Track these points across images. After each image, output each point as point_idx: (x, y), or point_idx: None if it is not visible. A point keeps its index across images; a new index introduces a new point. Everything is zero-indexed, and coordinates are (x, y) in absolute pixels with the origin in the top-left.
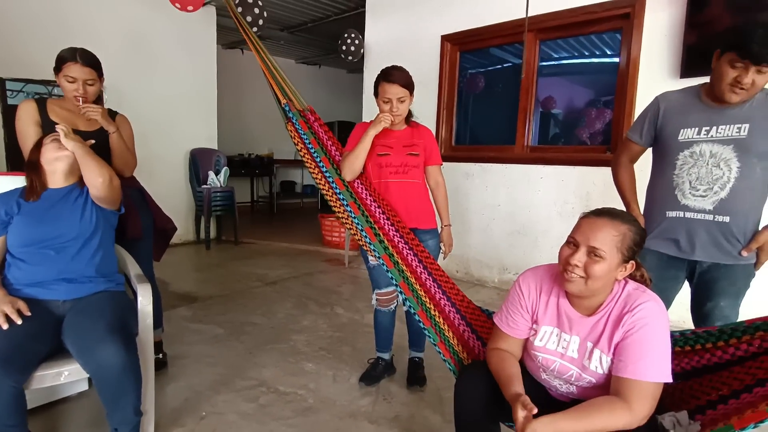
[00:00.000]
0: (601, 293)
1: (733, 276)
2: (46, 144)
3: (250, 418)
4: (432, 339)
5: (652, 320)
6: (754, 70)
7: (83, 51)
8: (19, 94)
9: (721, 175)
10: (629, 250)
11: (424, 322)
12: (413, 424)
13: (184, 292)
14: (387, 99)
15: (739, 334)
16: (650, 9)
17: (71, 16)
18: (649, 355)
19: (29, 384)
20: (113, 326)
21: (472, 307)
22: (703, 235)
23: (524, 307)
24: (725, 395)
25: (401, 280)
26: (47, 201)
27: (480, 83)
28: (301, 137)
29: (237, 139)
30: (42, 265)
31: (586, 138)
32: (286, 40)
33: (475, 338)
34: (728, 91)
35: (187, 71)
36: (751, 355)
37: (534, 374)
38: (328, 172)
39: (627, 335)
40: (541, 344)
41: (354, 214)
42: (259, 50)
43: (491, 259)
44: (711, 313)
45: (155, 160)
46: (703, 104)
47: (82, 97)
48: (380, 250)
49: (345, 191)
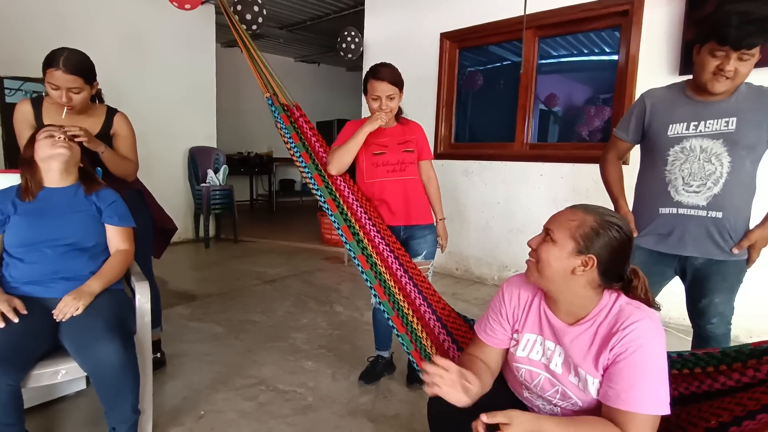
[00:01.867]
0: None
1: (725, 272)
2: (39, 140)
3: (249, 416)
4: (406, 347)
5: (647, 342)
6: (736, 57)
7: (69, 55)
8: (17, 93)
9: (713, 170)
10: (585, 239)
11: (398, 329)
12: (413, 422)
13: (182, 291)
14: (376, 96)
15: (744, 358)
16: (649, 6)
17: (69, 14)
18: (644, 382)
19: (26, 382)
20: (111, 324)
21: (453, 315)
22: (696, 230)
23: (504, 316)
24: (725, 422)
25: (376, 282)
26: (45, 201)
27: (479, 81)
28: (282, 131)
29: (236, 137)
30: (39, 264)
31: (585, 135)
32: (285, 38)
33: (455, 348)
34: (712, 81)
35: (186, 70)
36: (758, 381)
37: (515, 391)
38: (306, 167)
39: (619, 358)
40: (523, 354)
41: (331, 212)
42: (247, 44)
43: (491, 257)
44: (707, 309)
45: (154, 159)
46: (687, 98)
47: (66, 105)
48: (356, 250)
49: (323, 188)
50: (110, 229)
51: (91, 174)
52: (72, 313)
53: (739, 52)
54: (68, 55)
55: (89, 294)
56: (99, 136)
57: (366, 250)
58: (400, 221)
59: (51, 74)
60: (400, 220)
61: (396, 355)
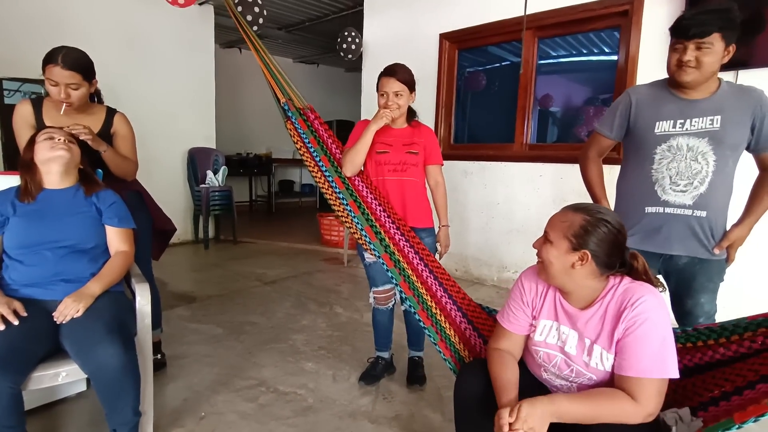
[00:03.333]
0: (573, 284)
1: (710, 272)
2: (39, 142)
3: (249, 418)
4: (432, 338)
5: (653, 314)
6: (693, 47)
7: (68, 52)
8: (15, 94)
9: (699, 169)
10: (576, 237)
11: (424, 321)
12: (413, 423)
13: (182, 292)
14: (383, 92)
15: (741, 331)
16: (649, 6)
17: (68, 15)
18: (652, 351)
19: (27, 385)
20: (112, 327)
21: (473, 305)
22: (682, 229)
23: (525, 302)
24: (728, 392)
25: (401, 279)
26: (45, 202)
27: (479, 81)
28: (301, 136)
29: (235, 138)
30: (39, 266)
31: (584, 136)
32: (284, 38)
33: (477, 336)
34: (678, 72)
35: (185, 70)
36: (754, 351)
37: (535, 373)
38: (327, 171)
39: (627, 332)
40: (541, 338)
41: (354, 214)
42: (258, 49)
43: (490, 258)
44: (693, 310)
45: (153, 160)
46: (672, 95)
47: (65, 102)
48: (380, 250)
49: (345, 190)
50: (110, 230)
51: (91, 175)
52: (72, 315)
53: (695, 42)
54: (67, 51)
55: (89, 296)
56: (99, 136)
57: (389, 248)
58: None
59: (50, 70)
60: None
61: (396, 356)
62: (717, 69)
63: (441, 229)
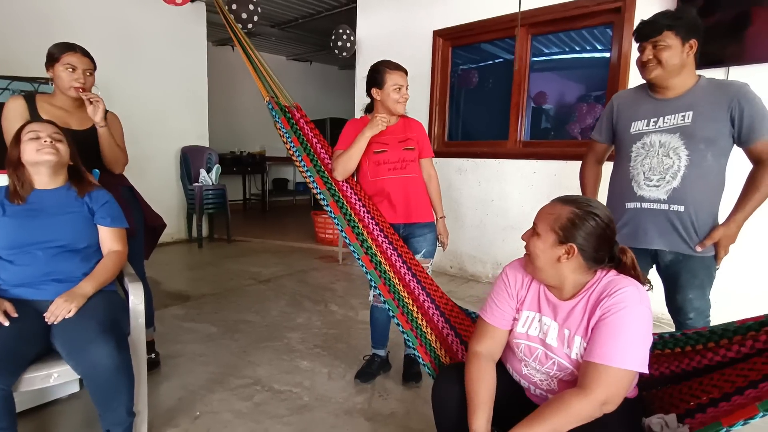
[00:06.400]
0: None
1: (694, 269)
2: (24, 141)
3: (245, 416)
4: (411, 342)
5: (630, 305)
6: (650, 47)
7: (78, 45)
8: (4, 92)
9: (671, 164)
10: (563, 230)
11: (403, 326)
12: (409, 420)
13: (176, 291)
14: (399, 85)
15: (730, 335)
16: (641, 3)
17: (58, 13)
18: (620, 339)
19: (18, 386)
20: (105, 326)
21: (456, 310)
22: (661, 224)
23: (510, 295)
24: (715, 398)
25: (381, 281)
26: (35, 202)
27: (472, 79)
28: (283, 134)
29: (228, 136)
30: (30, 266)
31: (577, 133)
32: (277, 36)
33: (459, 342)
34: (642, 72)
35: (178, 69)
36: (743, 356)
37: (515, 370)
38: (308, 170)
39: (601, 318)
40: (523, 330)
41: (333, 214)
42: (244, 45)
43: (485, 255)
44: (683, 305)
45: (146, 159)
46: (649, 97)
47: (82, 86)
48: (359, 252)
49: (325, 191)
50: (103, 230)
51: (82, 173)
52: (64, 315)
53: (650, 42)
54: (77, 44)
55: (82, 296)
56: (91, 129)
57: (370, 250)
58: (401, 219)
59: (69, 57)
60: (401, 217)
61: (392, 354)
62: (680, 63)
63: (439, 221)
